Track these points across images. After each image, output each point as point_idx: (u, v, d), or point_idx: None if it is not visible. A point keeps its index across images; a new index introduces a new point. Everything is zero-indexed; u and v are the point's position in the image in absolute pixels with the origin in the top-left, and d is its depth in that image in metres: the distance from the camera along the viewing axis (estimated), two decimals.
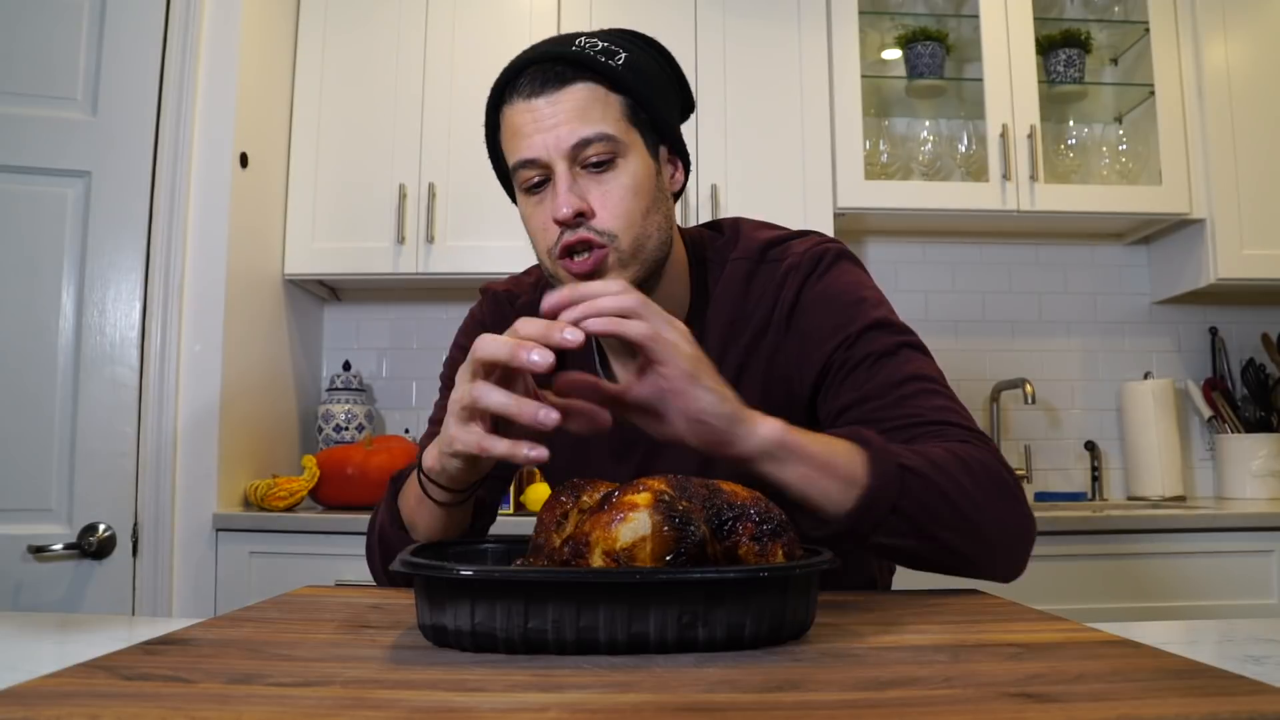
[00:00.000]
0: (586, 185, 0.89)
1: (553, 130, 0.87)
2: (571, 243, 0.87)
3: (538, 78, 0.89)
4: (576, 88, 0.88)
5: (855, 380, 0.89)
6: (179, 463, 1.89)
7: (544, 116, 0.88)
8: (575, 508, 0.64)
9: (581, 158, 0.88)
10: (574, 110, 0.88)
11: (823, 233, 1.04)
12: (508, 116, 0.91)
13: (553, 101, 0.88)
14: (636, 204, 0.90)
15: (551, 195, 0.89)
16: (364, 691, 0.44)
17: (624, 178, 0.89)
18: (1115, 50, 2.59)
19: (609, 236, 0.88)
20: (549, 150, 0.88)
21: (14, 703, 0.40)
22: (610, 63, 0.90)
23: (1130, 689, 0.43)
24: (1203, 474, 2.57)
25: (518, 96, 0.90)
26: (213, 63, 1.98)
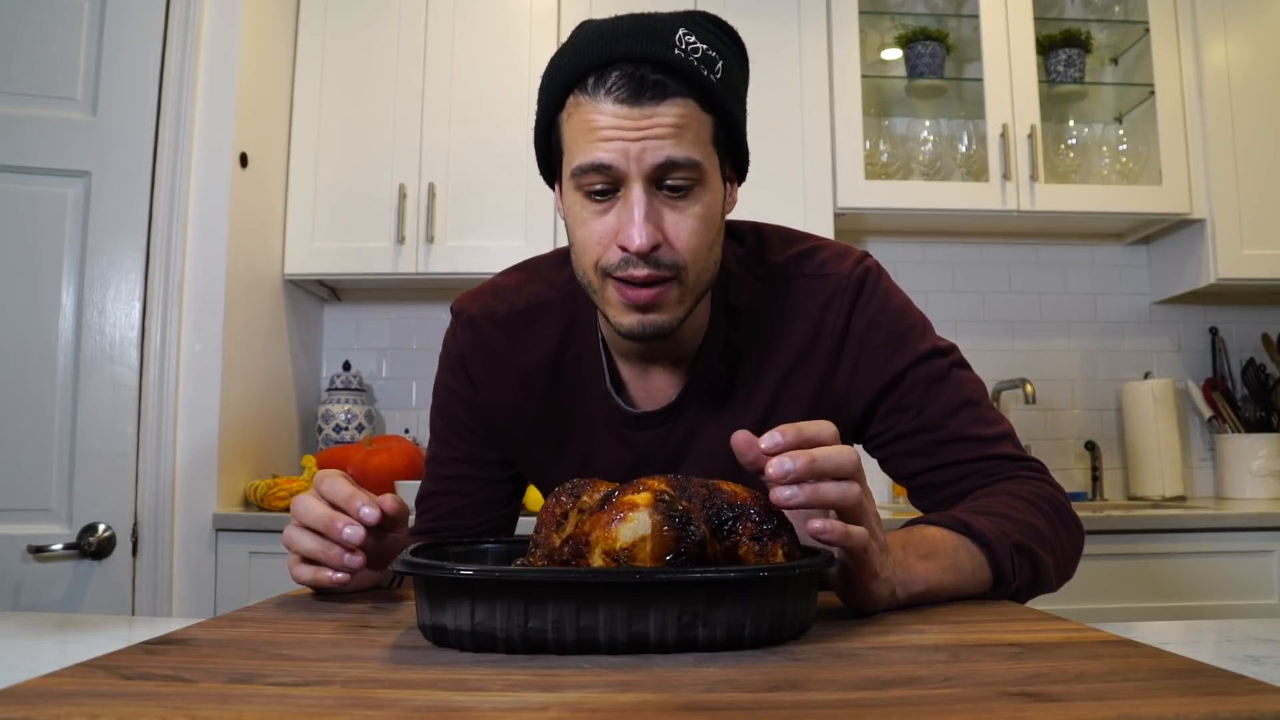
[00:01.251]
0: (661, 210, 0.81)
1: (640, 143, 0.79)
2: (639, 278, 0.81)
3: (633, 82, 0.78)
4: (674, 104, 0.79)
5: (909, 409, 0.92)
6: (179, 463, 1.89)
7: (633, 126, 0.79)
8: (575, 508, 0.64)
9: (662, 179, 0.81)
10: (669, 128, 0.79)
11: (846, 244, 1.01)
12: (585, 109, 0.80)
13: (647, 114, 0.79)
14: (706, 237, 0.84)
15: (619, 213, 0.81)
16: (364, 691, 0.44)
17: (699, 208, 0.83)
18: (1115, 50, 2.59)
19: (676, 269, 0.82)
20: (630, 164, 0.79)
21: (14, 703, 0.40)
22: (710, 76, 0.80)
23: (1130, 689, 0.43)
24: (1203, 474, 2.57)
25: (606, 96, 0.79)
26: (213, 63, 1.98)
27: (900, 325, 0.94)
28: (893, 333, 0.93)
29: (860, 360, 0.93)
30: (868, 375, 0.93)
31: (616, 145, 0.79)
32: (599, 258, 0.83)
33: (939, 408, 0.91)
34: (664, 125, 0.79)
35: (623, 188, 0.81)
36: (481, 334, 0.99)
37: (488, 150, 2.26)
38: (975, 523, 0.78)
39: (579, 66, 0.81)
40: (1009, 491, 0.85)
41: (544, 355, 0.98)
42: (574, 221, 0.85)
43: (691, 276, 0.84)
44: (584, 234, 0.84)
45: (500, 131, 2.26)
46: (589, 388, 0.97)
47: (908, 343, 0.93)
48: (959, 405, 0.91)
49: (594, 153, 0.80)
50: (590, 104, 0.80)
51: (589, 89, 0.80)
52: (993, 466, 0.89)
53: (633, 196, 0.80)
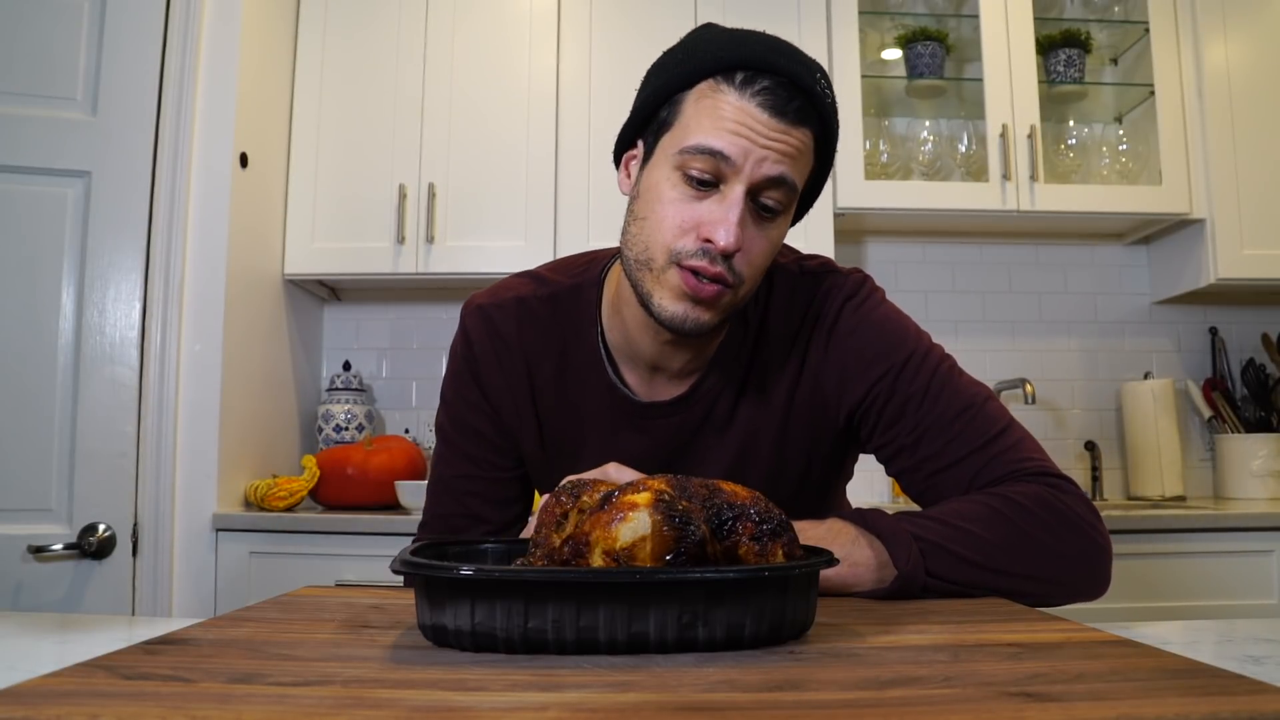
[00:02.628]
0: (748, 223, 0.84)
1: (765, 150, 0.81)
2: (710, 273, 0.83)
3: (781, 97, 0.82)
4: (805, 132, 0.84)
5: (908, 418, 0.91)
6: (179, 463, 1.89)
7: (764, 133, 0.81)
8: (575, 508, 0.64)
9: (761, 193, 0.83)
10: (793, 149, 0.83)
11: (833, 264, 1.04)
12: (726, 98, 0.82)
13: (781, 129, 0.82)
14: (768, 262, 0.88)
15: (712, 205, 0.83)
16: (364, 691, 0.44)
17: (775, 234, 0.87)
18: (1115, 50, 2.59)
19: (738, 280, 0.85)
20: (746, 165, 0.81)
21: (14, 702, 0.40)
22: (832, 124, 0.86)
23: (1130, 689, 0.43)
24: (1203, 474, 2.57)
25: (751, 97, 0.82)
26: (213, 63, 1.98)
27: (892, 325, 0.95)
28: (885, 331, 0.94)
29: (849, 356, 0.94)
30: (858, 371, 0.93)
31: (742, 143, 0.81)
32: (675, 241, 0.84)
33: (938, 414, 0.90)
34: (791, 145, 0.83)
35: (724, 185, 0.83)
36: (490, 321, 1.00)
37: (488, 150, 2.26)
38: (874, 518, 0.80)
39: (732, 59, 0.83)
40: (979, 498, 0.85)
41: (550, 347, 0.99)
42: (656, 198, 0.86)
43: (745, 291, 0.87)
44: (667, 212, 0.84)
45: (500, 132, 2.26)
46: (592, 382, 0.98)
47: (900, 342, 0.93)
48: (959, 411, 0.90)
49: (720, 138, 0.81)
50: (733, 95, 0.82)
51: (736, 82, 0.82)
52: (999, 466, 0.88)
53: (733, 196, 0.82)
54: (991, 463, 0.88)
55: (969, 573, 0.78)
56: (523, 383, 0.99)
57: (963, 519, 0.81)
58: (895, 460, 0.93)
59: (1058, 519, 0.83)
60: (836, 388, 0.95)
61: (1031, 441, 0.91)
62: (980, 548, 0.79)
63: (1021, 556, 0.81)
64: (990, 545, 0.80)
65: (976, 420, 0.90)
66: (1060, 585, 0.83)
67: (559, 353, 0.99)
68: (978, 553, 0.79)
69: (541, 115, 2.27)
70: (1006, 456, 0.88)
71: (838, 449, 1.00)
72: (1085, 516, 0.85)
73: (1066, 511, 0.84)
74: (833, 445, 0.98)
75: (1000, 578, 0.79)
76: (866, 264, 2.62)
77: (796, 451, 0.97)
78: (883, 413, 0.92)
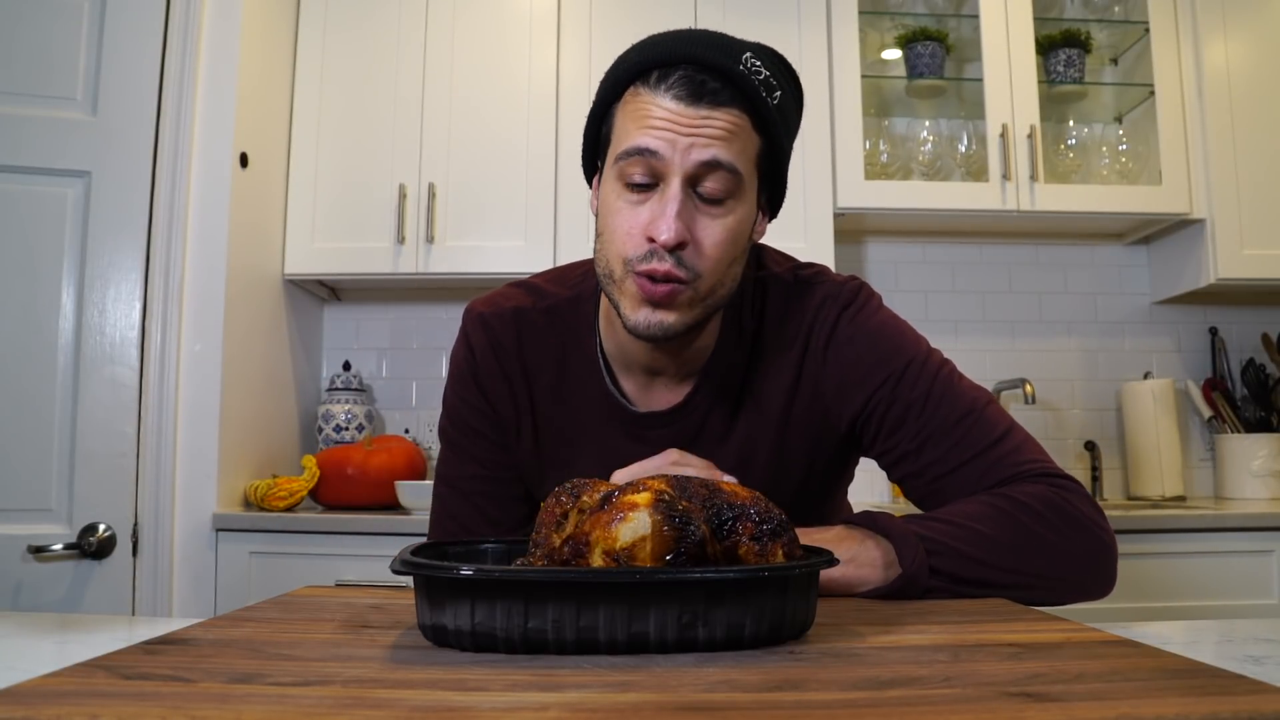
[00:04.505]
0: (693, 214, 0.84)
1: (689, 138, 0.82)
2: (660, 271, 0.83)
3: (695, 84, 0.82)
4: (730, 112, 0.83)
5: (910, 424, 0.91)
6: (179, 463, 1.89)
7: (686, 121, 0.82)
8: (575, 508, 0.64)
9: (699, 182, 0.83)
10: (720, 131, 0.82)
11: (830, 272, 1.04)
12: (643, 100, 0.84)
13: (703, 114, 0.82)
14: (728, 252, 0.86)
15: (653, 207, 0.83)
16: (364, 691, 0.44)
17: (729, 221, 0.85)
18: (1115, 50, 2.59)
19: (693, 274, 0.84)
20: (675, 157, 0.82)
21: (14, 702, 0.40)
22: (768, 99, 0.84)
23: (1130, 689, 0.43)
24: (1203, 474, 2.57)
25: (666, 91, 0.82)
26: (213, 63, 1.98)
27: (889, 332, 0.95)
28: (883, 338, 0.94)
29: (848, 364, 0.94)
30: (857, 379, 0.93)
31: (666, 135, 0.82)
32: (626, 249, 0.85)
33: (939, 421, 0.90)
34: (716, 127, 0.82)
35: (662, 183, 0.83)
36: (490, 329, 1.00)
37: (488, 150, 2.26)
38: (882, 520, 0.80)
39: (645, 61, 0.84)
40: (982, 499, 0.85)
41: (548, 356, 0.99)
42: (607, 210, 0.87)
43: (706, 286, 0.86)
44: (616, 223, 0.86)
45: (500, 132, 2.26)
46: (590, 393, 0.98)
47: (899, 349, 0.93)
48: (960, 416, 0.90)
49: (642, 137, 0.82)
50: (649, 96, 0.83)
51: (651, 83, 0.84)
52: (1001, 468, 0.88)
53: (669, 192, 0.82)
54: (995, 466, 0.88)
55: (975, 570, 0.78)
56: (522, 391, 0.99)
57: (968, 519, 0.82)
58: (898, 466, 0.93)
59: (1063, 518, 0.83)
60: (836, 397, 0.95)
61: (1033, 444, 0.91)
62: (986, 546, 0.80)
63: (1028, 555, 0.81)
64: (996, 543, 0.80)
65: (978, 425, 0.90)
66: (1066, 583, 0.83)
67: (557, 362, 0.99)
68: (983, 551, 0.79)
69: (541, 115, 2.27)
70: (1010, 459, 0.88)
71: (839, 456, 1.00)
72: (1090, 515, 0.85)
73: (1072, 510, 0.84)
74: (834, 452, 0.99)
75: (1006, 575, 0.79)
76: (866, 264, 2.63)
77: (796, 460, 0.98)
78: (884, 420, 0.92)
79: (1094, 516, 0.85)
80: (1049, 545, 0.82)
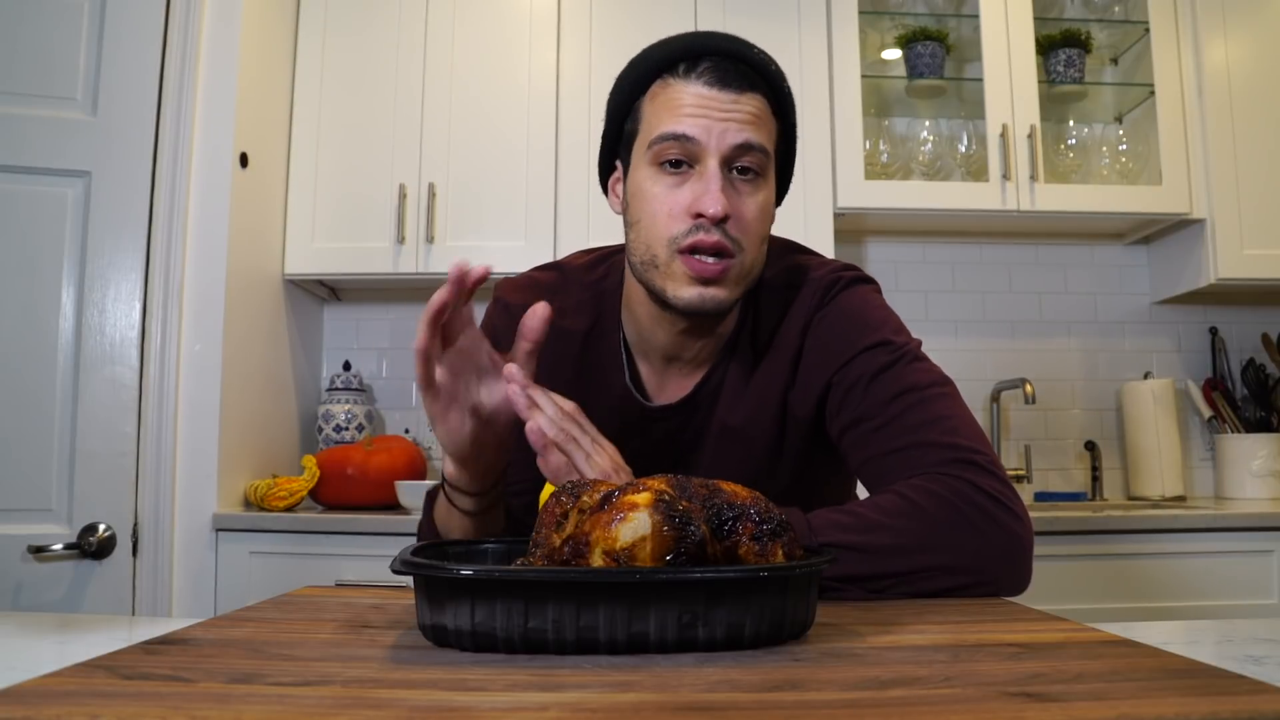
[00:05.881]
0: (731, 191, 0.87)
1: (723, 122, 0.86)
2: (709, 244, 0.86)
3: (722, 70, 0.87)
4: (755, 97, 0.88)
5: (851, 401, 0.91)
6: (179, 463, 1.89)
7: (718, 107, 0.86)
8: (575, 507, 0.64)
9: (734, 162, 0.87)
10: (750, 114, 0.87)
11: (847, 263, 1.03)
12: (674, 89, 0.88)
13: (732, 99, 0.87)
14: (763, 226, 0.90)
15: (693, 185, 0.87)
16: (364, 691, 0.44)
17: (761, 197, 0.90)
18: (1115, 50, 2.59)
19: (738, 247, 0.87)
20: (711, 139, 0.86)
21: (14, 702, 0.40)
22: (784, 85, 0.91)
23: (1130, 689, 0.43)
24: (1203, 474, 2.57)
25: (696, 78, 0.87)
26: (213, 63, 1.98)
27: (853, 321, 0.95)
28: (843, 328, 0.95)
29: (811, 358, 0.95)
30: (817, 369, 0.94)
31: (701, 121, 0.86)
32: (670, 228, 0.87)
33: (875, 397, 0.89)
34: (746, 111, 0.87)
35: (698, 164, 0.87)
36: (515, 317, 1.00)
37: (488, 150, 2.26)
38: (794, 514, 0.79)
39: (670, 54, 0.90)
40: (894, 491, 0.82)
41: (571, 345, 1.01)
42: (644, 196, 0.90)
43: (750, 259, 0.89)
44: (654, 207, 0.89)
45: (500, 131, 2.26)
46: (608, 383, 1.00)
47: (857, 335, 0.93)
48: (896, 394, 0.89)
49: (680, 123, 0.86)
50: (680, 85, 0.88)
51: (679, 73, 0.89)
52: (914, 457, 0.85)
53: (709, 170, 0.86)
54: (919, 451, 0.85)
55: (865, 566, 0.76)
56: (542, 380, 0.99)
57: (864, 506, 0.81)
58: (840, 443, 0.92)
59: (964, 519, 0.79)
60: (803, 390, 0.96)
61: (971, 432, 0.87)
62: (877, 529, 0.77)
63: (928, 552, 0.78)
64: (889, 527, 0.78)
65: (915, 406, 0.87)
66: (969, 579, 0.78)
67: (579, 356, 1.01)
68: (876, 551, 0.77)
69: (541, 115, 2.27)
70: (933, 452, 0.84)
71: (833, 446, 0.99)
72: (1001, 510, 0.81)
73: (988, 505, 0.80)
74: (830, 444, 0.98)
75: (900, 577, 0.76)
76: (866, 264, 2.62)
77: (795, 451, 0.98)
78: (837, 398, 0.92)
79: (1002, 516, 0.80)
80: (953, 543, 0.78)
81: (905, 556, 0.77)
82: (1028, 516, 0.82)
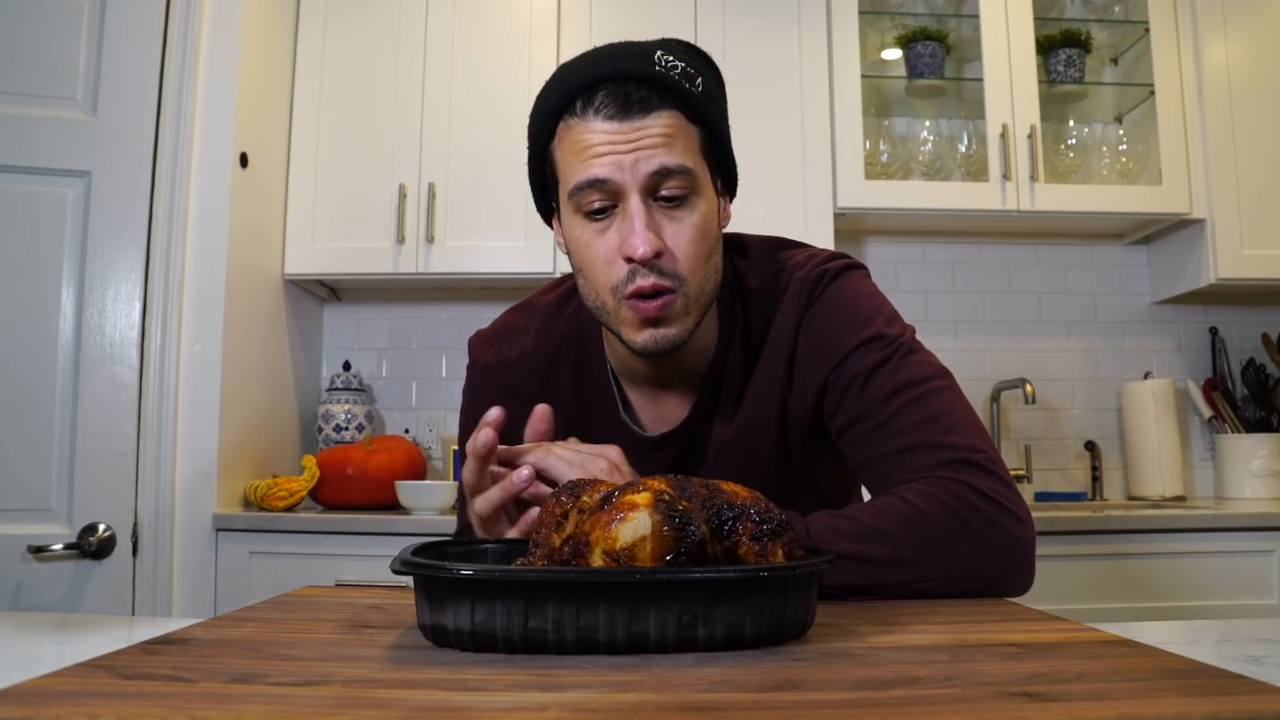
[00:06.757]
0: (660, 221, 0.84)
1: (632, 154, 0.81)
2: (645, 288, 0.83)
3: (619, 98, 0.82)
4: (661, 115, 0.82)
5: (848, 401, 0.89)
6: (179, 463, 1.89)
7: (624, 139, 0.82)
8: (575, 508, 0.64)
9: (657, 189, 0.83)
10: (659, 137, 0.82)
11: (830, 250, 1.01)
12: (576, 131, 0.83)
13: (637, 126, 0.82)
14: (703, 246, 0.86)
15: (619, 226, 0.83)
16: (364, 691, 0.44)
17: (696, 217, 0.85)
18: (1115, 50, 2.59)
19: (679, 281, 0.84)
20: (625, 175, 0.82)
21: (14, 702, 0.40)
22: (692, 89, 0.84)
23: (1130, 689, 0.43)
24: (1203, 474, 2.57)
25: (595, 115, 0.82)
26: (213, 63, 1.98)
27: (841, 317, 0.92)
28: (833, 326, 0.92)
29: (802, 359, 0.93)
30: (810, 370, 0.93)
31: (610, 159, 0.81)
32: (609, 277, 0.85)
33: (872, 395, 0.87)
34: (654, 135, 0.82)
35: (621, 202, 0.83)
36: (498, 379, 1.01)
37: (488, 150, 2.26)
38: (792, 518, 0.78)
39: (565, 92, 0.84)
40: (894, 495, 0.81)
41: (563, 391, 0.99)
42: (577, 246, 0.87)
43: (693, 287, 0.86)
44: (589, 255, 0.86)
45: (500, 131, 2.26)
46: (603, 416, 0.98)
47: (848, 332, 0.91)
48: (893, 390, 0.86)
49: (589, 170, 0.82)
50: (580, 125, 0.83)
51: (578, 111, 0.83)
52: (913, 459, 0.83)
53: (631, 207, 0.82)
54: (916, 452, 0.84)
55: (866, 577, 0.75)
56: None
57: (864, 511, 0.79)
58: (839, 445, 0.91)
59: (964, 523, 0.78)
60: (799, 392, 0.94)
61: (971, 428, 0.86)
62: (876, 538, 0.76)
63: (930, 553, 0.77)
64: (889, 535, 0.76)
65: (912, 404, 0.86)
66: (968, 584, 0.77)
67: (572, 395, 0.99)
68: (871, 534, 0.76)
69: None
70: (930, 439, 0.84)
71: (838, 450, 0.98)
72: (1001, 513, 0.80)
73: (986, 508, 0.79)
74: (833, 447, 0.96)
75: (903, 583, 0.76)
76: (866, 264, 2.62)
77: (800, 455, 0.97)
78: (834, 399, 0.90)
79: (1003, 520, 0.79)
80: (954, 551, 0.77)
81: (905, 567, 0.76)
82: (1029, 516, 0.81)
